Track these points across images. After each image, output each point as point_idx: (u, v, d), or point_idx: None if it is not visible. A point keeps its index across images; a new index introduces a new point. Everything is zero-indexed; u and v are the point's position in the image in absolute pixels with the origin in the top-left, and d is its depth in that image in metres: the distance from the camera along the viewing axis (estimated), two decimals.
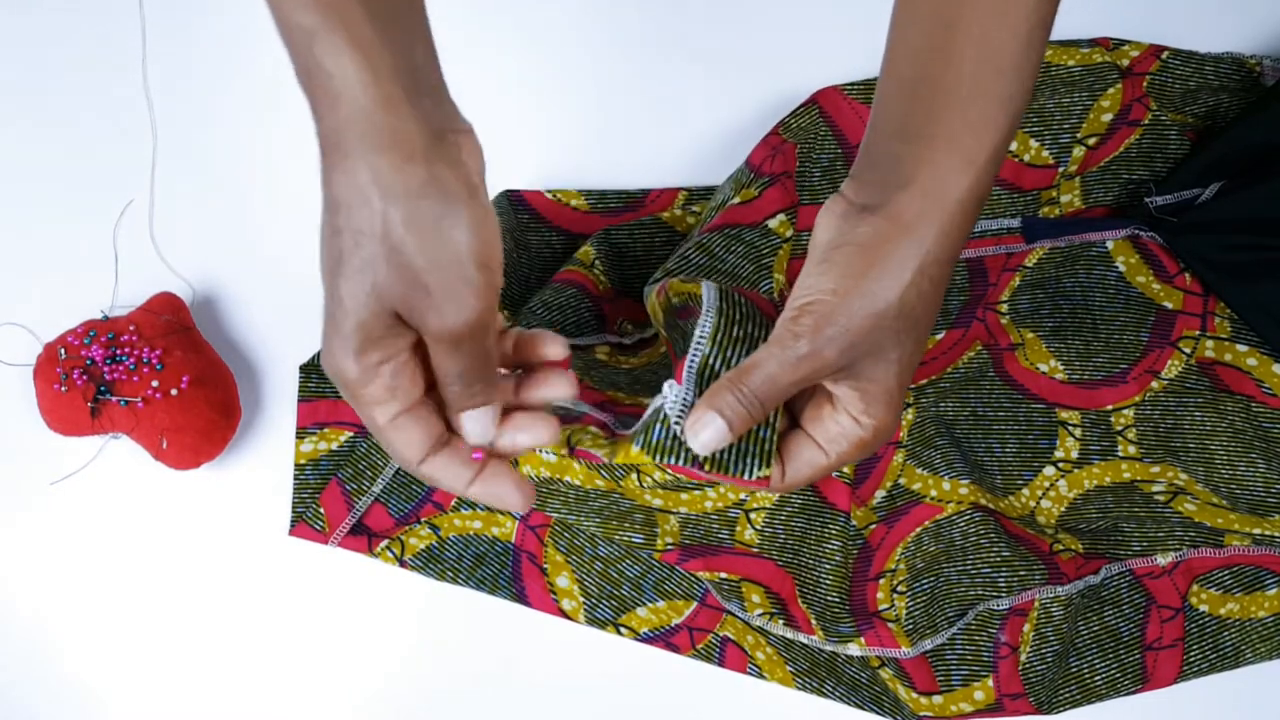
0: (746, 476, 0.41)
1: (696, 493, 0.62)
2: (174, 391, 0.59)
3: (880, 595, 0.62)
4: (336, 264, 0.34)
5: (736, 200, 0.60)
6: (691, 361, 0.43)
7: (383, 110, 0.33)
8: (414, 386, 0.37)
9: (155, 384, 0.59)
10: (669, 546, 0.62)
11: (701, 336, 0.43)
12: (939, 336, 0.65)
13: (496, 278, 0.35)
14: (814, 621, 0.61)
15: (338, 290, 0.34)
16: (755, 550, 0.62)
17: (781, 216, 0.60)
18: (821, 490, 0.62)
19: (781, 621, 0.61)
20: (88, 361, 0.59)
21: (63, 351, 0.59)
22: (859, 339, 0.38)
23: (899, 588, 0.62)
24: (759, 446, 0.42)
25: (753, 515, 0.63)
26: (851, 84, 0.65)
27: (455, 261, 0.34)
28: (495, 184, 0.65)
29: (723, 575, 0.62)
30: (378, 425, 0.37)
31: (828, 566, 0.61)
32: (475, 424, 0.38)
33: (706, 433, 0.40)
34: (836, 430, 0.41)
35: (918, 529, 0.62)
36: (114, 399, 0.58)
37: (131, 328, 0.60)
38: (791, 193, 0.62)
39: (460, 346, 0.35)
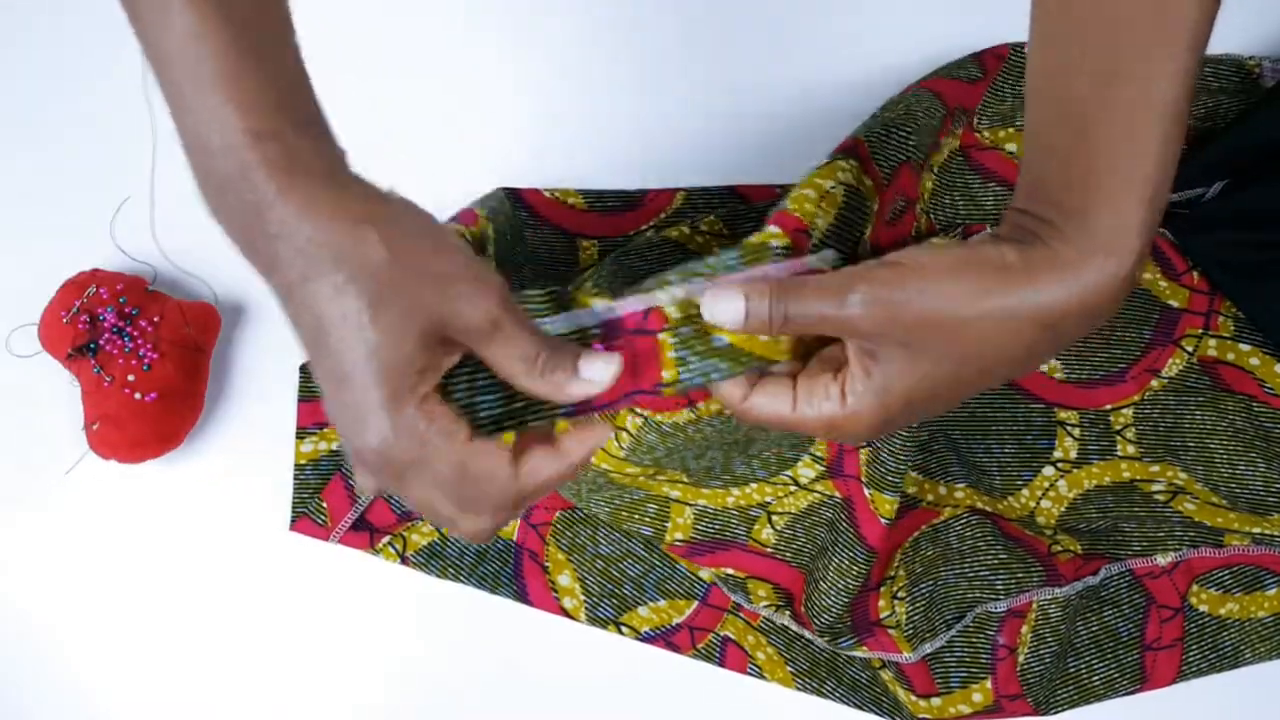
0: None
1: (720, 489, 0.62)
2: (138, 395, 0.59)
3: (881, 604, 0.62)
4: (357, 314, 0.33)
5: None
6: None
7: (342, 170, 0.34)
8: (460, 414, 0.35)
9: (131, 378, 0.59)
10: (678, 542, 0.62)
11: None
12: None
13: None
14: (817, 628, 0.61)
15: (360, 338, 0.33)
16: (769, 551, 0.62)
17: (955, 143, 0.60)
18: (856, 516, 0.60)
19: (788, 613, 0.61)
20: (100, 316, 0.59)
21: (95, 287, 0.60)
22: (903, 324, 0.36)
23: (899, 593, 0.62)
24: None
25: (775, 517, 0.62)
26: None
27: (454, 254, 0.34)
28: (494, 182, 0.65)
29: (729, 571, 0.61)
30: (458, 457, 0.35)
31: (844, 600, 0.60)
32: (598, 369, 0.37)
33: (723, 305, 0.39)
34: (820, 397, 0.39)
35: (915, 533, 0.62)
36: (91, 360, 0.59)
37: (157, 318, 0.60)
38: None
39: (515, 317, 0.35)
